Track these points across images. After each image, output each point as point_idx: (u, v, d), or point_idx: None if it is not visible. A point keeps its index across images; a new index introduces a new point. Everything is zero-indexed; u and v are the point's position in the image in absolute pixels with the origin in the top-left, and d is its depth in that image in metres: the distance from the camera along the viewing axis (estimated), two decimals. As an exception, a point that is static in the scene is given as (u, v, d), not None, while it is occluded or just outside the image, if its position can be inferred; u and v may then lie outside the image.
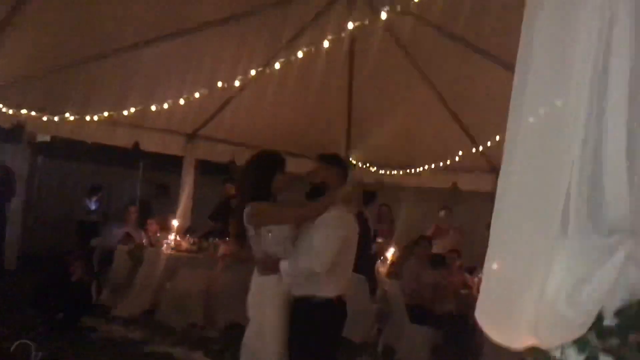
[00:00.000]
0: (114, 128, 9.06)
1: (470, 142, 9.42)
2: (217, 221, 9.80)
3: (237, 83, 6.52)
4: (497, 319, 1.79)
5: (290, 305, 4.38)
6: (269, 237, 4.39)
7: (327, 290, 4.33)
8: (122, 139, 9.48)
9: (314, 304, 4.30)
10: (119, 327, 7.82)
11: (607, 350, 1.68)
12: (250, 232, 4.43)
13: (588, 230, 1.69)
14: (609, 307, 1.69)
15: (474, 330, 7.93)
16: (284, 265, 4.27)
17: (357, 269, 5.00)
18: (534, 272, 1.70)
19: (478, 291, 6.21)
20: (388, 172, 11.22)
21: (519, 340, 1.76)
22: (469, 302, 8.31)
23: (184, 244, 9.03)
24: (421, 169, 10.56)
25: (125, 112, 7.29)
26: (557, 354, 1.73)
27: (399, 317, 8.16)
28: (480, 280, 8.58)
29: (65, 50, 7.39)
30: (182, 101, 6.87)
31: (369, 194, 9.96)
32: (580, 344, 1.69)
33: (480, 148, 9.10)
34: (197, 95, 6.83)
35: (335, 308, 4.40)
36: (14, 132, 10.29)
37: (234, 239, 4.95)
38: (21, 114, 7.56)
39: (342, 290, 4.45)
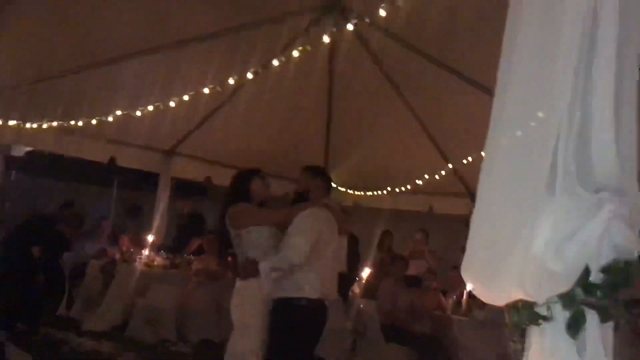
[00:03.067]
0: (89, 141, 9.01)
1: (446, 164, 9.49)
2: (186, 238, 9.77)
3: (206, 90, 6.52)
4: (483, 275, 1.79)
5: (270, 308, 4.37)
6: (248, 239, 4.41)
7: (307, 291, 4.29)
8: (98, 153, 9.40)
9: (294, 305, 4.28)
10: (90, 340, 7.67)
11: (593, 306, 1.68)
12: (232, 234, 4.47)
13: (575, 187, 1.70)
14: (594, 263, 1.69)
15: (448, 351, 7.97)
16: (263, 265, 4.24)
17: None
18: (521, 228, 1.70)
19: (453, 313, 6.24)
20: (365, 194, 11.25)
21: (505, 295, 1.76)
22: (444, 323, 8.32)
23: (158, 260, 8.92)
24: (397, 190, 10.58)
25: (103, 118, 7.23)
26: (543, 310, 1.72)
27: (373, 336, 8.12)
28: (455, 301, 8.60)
29: (44, 63, 7.35)
30: (161, 107, 6.83)
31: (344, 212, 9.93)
32: (566, 299, 1.69)
33: (451, 166, 9.19)
34: (172, 103, 6.80)
35: (314, 310, 4.36)
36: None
37: (212, 253, 5.00)
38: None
39: (323, 294, 4.41)
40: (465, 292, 8.35)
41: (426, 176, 9.76)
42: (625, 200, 1.70)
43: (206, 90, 6.44)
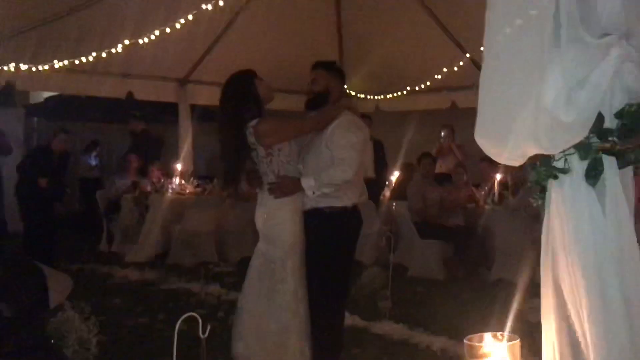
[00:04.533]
0: (105, 79, 9.03)
1: (464, 54, 9.30)
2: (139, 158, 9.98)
3: (221, 3, 6.37)
4: (497, 136, 1.77)
5: (303, 217, 4.28)
6: (280, 156, 4.17)
7: (344, 200, 4.24)
8: (114, 89, 9.42)
9: (330, 214, 4.21)
10: (133, 271, 7.91)
11: (610, 152, 1.67)
12: (261, 152, 4.16)
13: (581, 34, 1.66)
14: (607, 109, 1.67)
15: (482, 241, 8.04)
16: (308, 182, 4.10)
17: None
18: (530, 83, 1.68)
19: (486, 203, 6.14)
20: (385, 97, 11.13)
21: (521, 153, 1.75)
22: (477, 214, 8.36)
23: (189, 187, 9.07)
24: (418, 87, 10.44)
25: (114, 50, 7.21)
26: (560, 163, 1.72)
27: (408, 235, 8.23)
28: (487, 191, 8.60)
29: (48, 4, 7.33)
30: (168, 30, 6.76)
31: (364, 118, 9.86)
32: (582, 148, 1.68)
33: (468, 56, 9.00)
34: (182, 21, 6.71)
35: (350, 215, 4.32)
36: (6, 95, 10.26)
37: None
38: (10, 69, 7.48)
39: (358, 199, 4.37)
40: (496, 181, 8.33)
41: (445, 70, 9.59)
42: (633, 42, 1.66)
43: (209, 7, 6.30)
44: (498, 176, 8.26)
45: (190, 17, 6.59)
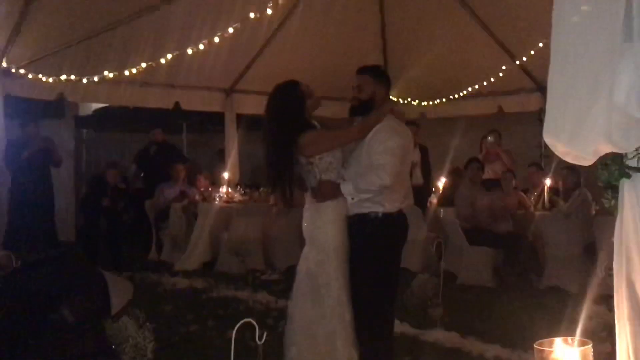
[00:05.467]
0: (152, 89, 9.18)
1: (510, 59, 9.18)
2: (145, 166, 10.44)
3: (269, 11, 6.40)
4: (568, 134, 1.72)
5: (348, 224, 4.27)
6: (321, 164, 4.19)
7: (387, 207, 4.21)
8: (162, 100, 9.56)
9: (374, 219, 4.19)
10: (183, 279, 7.99)
11: (686, 149, 1.61)
12: (302, 161, 4.22)
13: (654, 28, 1.61)
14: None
15: (533, 247, 7.89)
16: (347, 187, 4.12)
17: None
18: (601, 80, 1.63)
19: (536, 209, 6.05)
20: (431, 103, 11.03)
21: (592, 151, 1.69)
22: (527, 220, 8.21)
23: (236, 195, 9.13)
24: (464, 92, 10.32)
25: (162, 60, 7.32)
26: (634, 162, 1.66)
27: (456, 242, 8.11)
28: (536, 197, 8.44)
29: (97, 16, 7.49)
30: (216, 39, 6.82)
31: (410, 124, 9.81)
32: (657, 146, 1.62)
33: (518, 63, 8.88)
34: (230, 30, 6.76)
35: (395, 221, 4.29)
36: (57, 107, 10.49)
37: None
38: (61, 80, 7.66)
39: (402, 204, 4.33)
40: (546, 187, 8.19)
41: (491, 74, 9.47)
42: None
43: (258, 15, 6.34)
44: (548, 181, 8.13)
45: (238, 25, 6.63)
